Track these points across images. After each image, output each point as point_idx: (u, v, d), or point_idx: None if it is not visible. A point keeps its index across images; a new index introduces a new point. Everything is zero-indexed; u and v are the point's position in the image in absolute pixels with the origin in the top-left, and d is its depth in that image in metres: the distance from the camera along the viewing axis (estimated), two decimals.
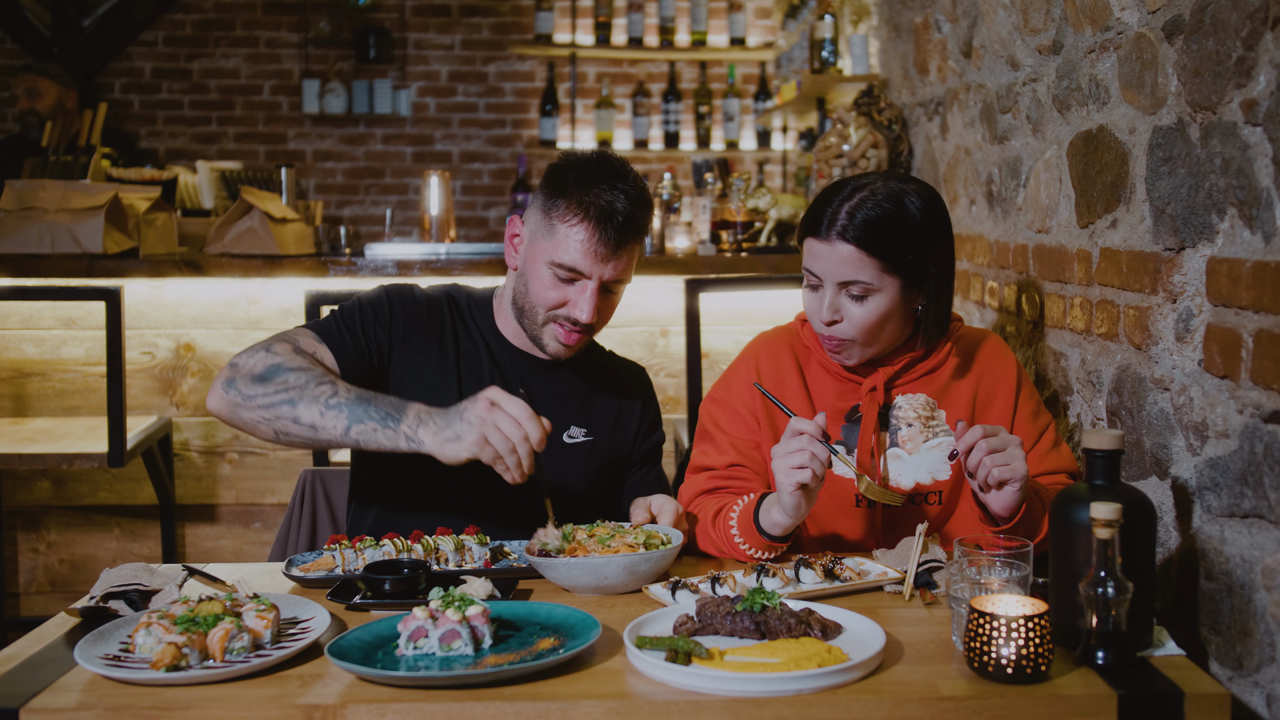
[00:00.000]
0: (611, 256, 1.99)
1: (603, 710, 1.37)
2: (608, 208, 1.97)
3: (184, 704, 1.38)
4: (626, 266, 2.03)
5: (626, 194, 2.00)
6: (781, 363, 2.08)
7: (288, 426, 1.88)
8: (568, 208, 1.99)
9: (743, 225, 3.69)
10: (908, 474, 2.01)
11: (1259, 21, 1.55)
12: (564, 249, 1.98)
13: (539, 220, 2.03)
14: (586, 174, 2.01)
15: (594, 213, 1.97)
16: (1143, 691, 1.41)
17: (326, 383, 1.89)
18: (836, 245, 1.89)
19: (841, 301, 1.92)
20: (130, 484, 3.63)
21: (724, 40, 6.63)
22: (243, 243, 3.44)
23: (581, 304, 2.00)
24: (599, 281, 2.00)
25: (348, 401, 1.86)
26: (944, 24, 3.17)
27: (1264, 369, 1.55)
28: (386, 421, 1.84)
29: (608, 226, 1.97)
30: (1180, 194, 1.79)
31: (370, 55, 6.68)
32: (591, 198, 1.98)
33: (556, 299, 2.02)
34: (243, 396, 1.90)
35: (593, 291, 2.00)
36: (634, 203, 2.00)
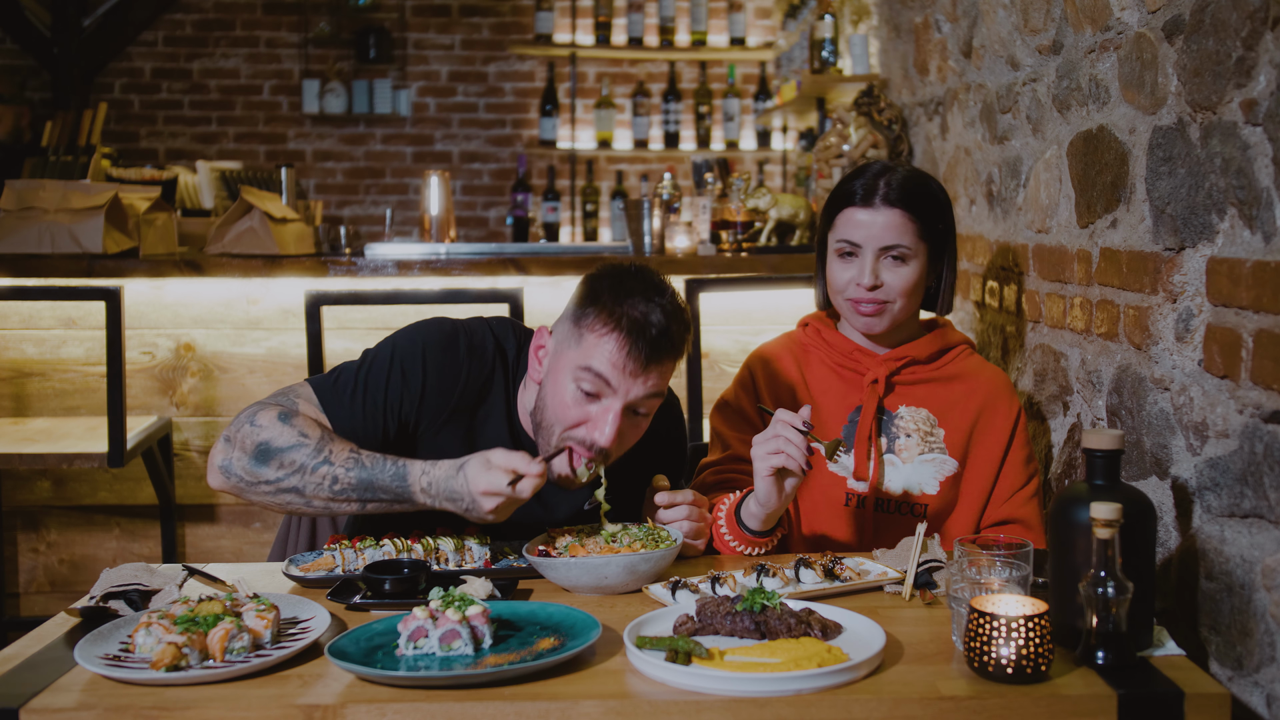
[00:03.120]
0: (642, 372, 1.82)
1: (603, 710, 1.37)
2: (641, 319, 1.82)
3: (184, 704, 1.38)
4: (656, 388, 1.86)
5: (663, 309, 1.84)
6: (784, 367, 2.14)
7: (301, 510, 1.85)
8: (598, 316, 1.84)
9: (743, 225, 3.69)
10: (898, 480, 2.06)
11: (1259, 21, 1.55)
12: (592, 356, 1.82)
13: (568, 330, 1.88)
14: (622, 284, 1.86)
15: (626, 324, 1.82)
16: (1143, 691, 1.41)
17: (324, 464, 1.80)
18: (880, 210, 2.03)
19: (881, 267, 2.04)
20: (130, 484, 3.63)
21: (724, 40, 6.63)
22: (243, 243, 3.44)
23: (603, 425, 1.83)
24: (624, 402, 1.83)
25: (352, 486, 1.79)
26: (944, 24, 3.17)
27: (1264, 369, 1.55)
28: (396, 500, 1.80)
29: (640, 339, 1.81)
30: (1180, 194, 1.79)
31: (370, 55, 6.68)
32: (625, 308, 1.83)
33: (577, 417, 1.85)
34: (245, 482, 1.83)
35: (616, 413, 1.83)
36: (670, 318, 1.84)
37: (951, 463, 2.08)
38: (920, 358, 2.10)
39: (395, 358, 1.95)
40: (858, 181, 2.07)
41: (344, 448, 1.83)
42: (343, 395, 1.92)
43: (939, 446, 2.08)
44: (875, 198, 2.04)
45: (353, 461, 1.80)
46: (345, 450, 1.82)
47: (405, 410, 1.94)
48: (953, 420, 2.09)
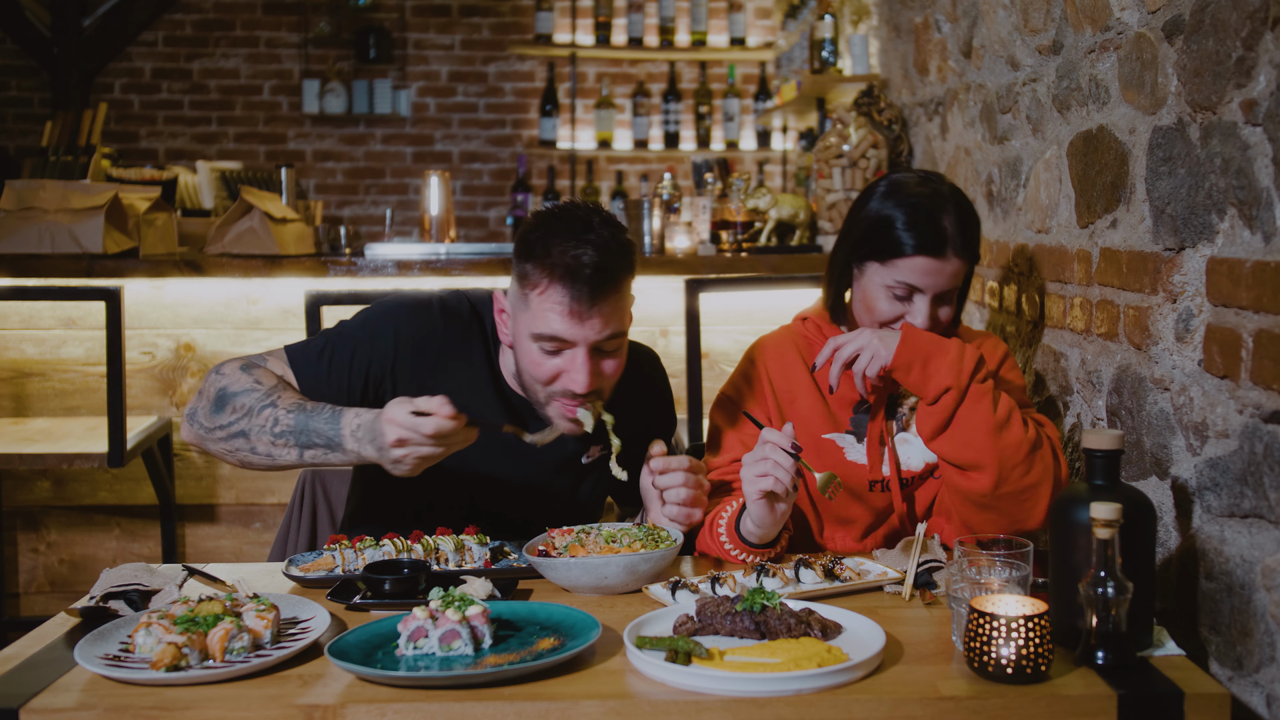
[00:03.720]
0: (590, 314, 1.83)
1: (603, 710, 1.37)
2: (574, 263, 1.82)
3: (184, 704, 1.38)
4: (613, 321, 1.87)
5: (593, 243, 1.84)
6: (788, 362, 2.12)
7: (249, 459, 1.87)
8: (535, 272, 1.85)
9: (743, 225, 3.69)
10: (916, 455, 2.07)
11: (1259, 21, 1.55)
12: (540, 319, 1.85)
13: (515, 292, 1.91)
14: (549, 231, 1.86)
15: (559, 272, 1.82)
16: (1143, 691, 1.41)
17: (269, 405, 1.85)
18: (950, 261, 1.98)
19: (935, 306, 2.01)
20: (130, 484, 3.63)
21: (724, 40, 6.63)
22: (243, 243, 3.44)
23: (575, 375, 1.86)
24: (587, 346, 1.85)
25: (290, 428, 1.83)
26: (944, 24, 3.17)
27: (1264, 369, 1.55)
28: (332, 445, 1.82)
29: (577, 282, 1.82)
30: (1180, 194, 1.79)
31: (370, 55, 6.68)
32: (555, 257, 1.83)
33: (550, 372, 1.88)
34: (205, 429, 1.89)
35: (584, 359, 1.85)
36: (603, 250, 1.84)
37: None
38: None
39: (365, 321, 2.02)
40: (920, 225, 1.95)
41: (293, 395, 1.89)
42: (310, 356, 1.99)
43: None
44: (947, 248, 1.96)
45: (296, 406, 1.86)
46: (293, 398, 1.88)
47: (374, 371, 1.98)
48: None
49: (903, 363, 1.92)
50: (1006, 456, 1.88)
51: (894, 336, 1.93)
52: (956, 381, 1.90)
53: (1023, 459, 1.89)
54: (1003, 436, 1.89)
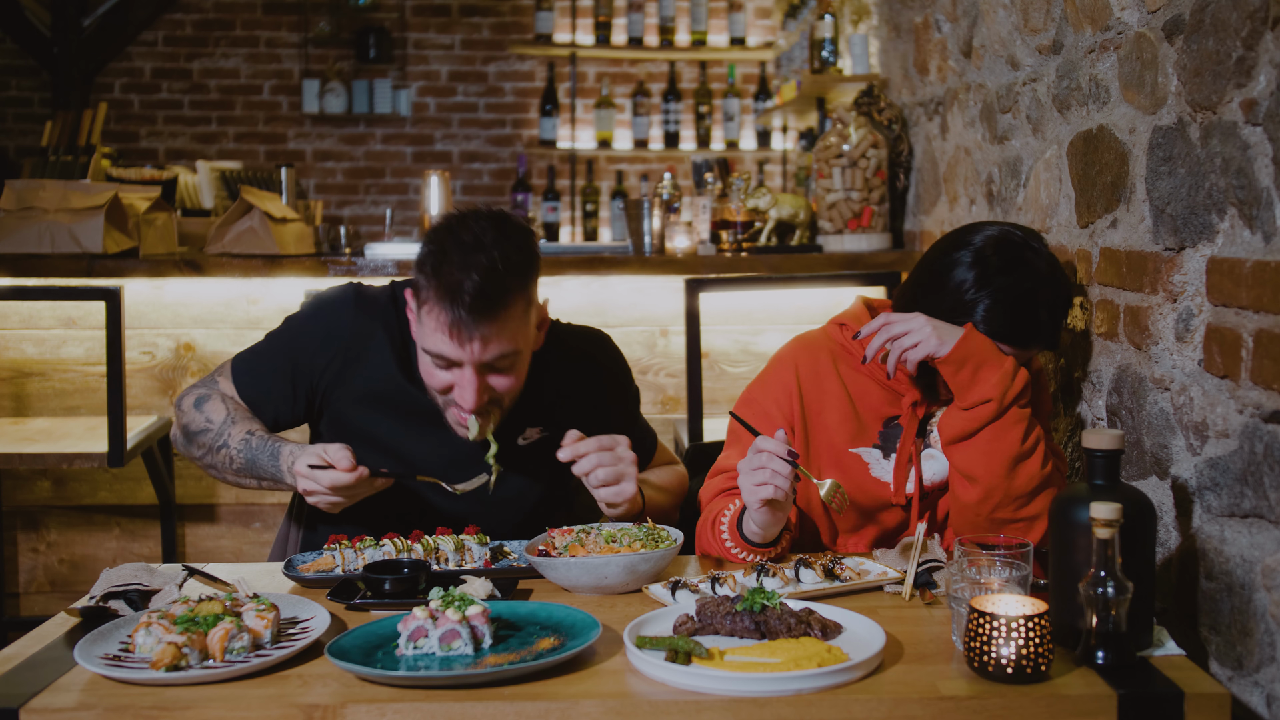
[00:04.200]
0: (472, 337, 1.82)
1: (603, 710, 1.37)
2: (455, 287, 1.80)
3: (184, 704, 1.38)
4: (498, 342, 1.84)
5: (478, 266, 1.81)
6: (821, 367, 2.06)
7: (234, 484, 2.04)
8: (424, 289, 1.85)
9: (743, 225, 3.69)
10: (940, 470, 2.03)
11: (1259, 21, 1.55)
12: (428, 336, 1.86)
13: (413, 303, 1.92)
14: (442, 246, 1.85)
15: (442, 294, 1.81)
16: (1143, 691, 1.41)
17: (223, 445, 2.00)
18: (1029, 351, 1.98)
19: None
20: (130, 484, 3.63)
21: (724, 40, 6.62)
22: (243, 243, 3.44)
23: (463, 393, 1.87)
24: (474, 366, 1.85)
25: (243, 466, 1.98)
26: (944, 24, 3.17)
27: (1264, 369, 1.55)
28: (277, 480, 1.96)
29: (457, 308, 1.80)
30: (1180, 194, 1.79)
31: (370, 55, 6.68)
32: (441, 277, 1.81)
33: (442, 384, 1.90)
34: (188, 455, 2.07)
35: (470, 377, 1.86)
36: (488, 273, 1.81)
37: None
38: None
39: (294, 323, 2.08)
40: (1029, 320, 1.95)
41: (241, 430, 1.98)
42: (251, 372, 2.07)
43: None
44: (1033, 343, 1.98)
45: (244, 443, 1.97)
46: (241, 433, 1.98)
47: (305, 373, 2.04)
48: None
49: (957, 358, 1.88)
50: (1012, 487, 1.89)
51: (952, 331, 1.90)
52: (1000, 397, 1.88)
53: (1025, 494, 1.90)
54: (1018, 469, 1.89)
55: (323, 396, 2.05)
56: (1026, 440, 1.89)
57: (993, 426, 1.89)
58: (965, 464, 1.92)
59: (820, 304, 3.49)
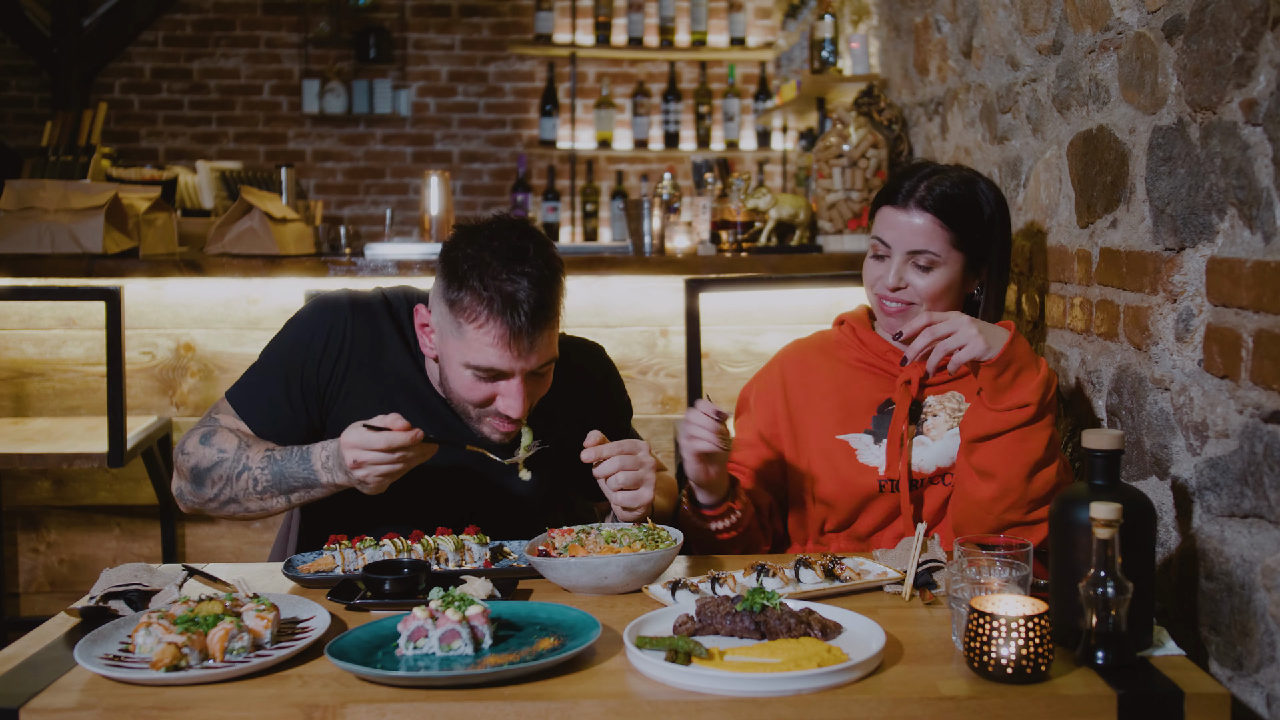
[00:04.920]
0: (529, 351, 1.85)
1: (603, 710, 1.37)
2: (512, 298, 1.81)
3: (184, 704, 1.38)
4: (547, 349, 1.89)
5: (530, 276, 1.83)
6: (808, 361, 2.16)
7: (247, 516, 1.98)
8: (472, 304, 1.83)
9: (743, 225, 3.69)
10: (930, 459, 2.07)
11: (1259, 21, 1.55)
12: (477, 351, 1.85)
13: (444, 314, 1.89)
14: (483, 259, 1.84)
15: (498, 307, 1.81)
16: (1143, 691, 1.41)
17: (243, 470, 1.93)
18: (913, 214, 2.03)
19: (907, 271, 2.05)
20: (130, 484, 3.62)
21: (724, 40, 6.62)
22: (243, 243, 3.44)
23: (510, 401, 1.88)
24: (521, 375, 1.88)
25: (270, 483, 1.92)
26: (944, 24, 3.17)
27: (1264, 369, 1.55)
28: (310, 484, 1.90)
29: (516, 318, 1.81)
30: (1180, 194, 1.79)
31: (370, 55, 6.68)
32: (493, 290, 1.82)
33: (482, 397, 1.90)
34: (198, 503, 1.99)
35: (518, 386, 1.88)
36: (540, 284, 1.83)
37: None
38: None
39: (281, 336, 2.07)
40: (903, 181, 2.07)
41: (260, 450, 1.94)
42: (252, 399, 2.03)
43: None
44: (910, 200, 2.04)
45: (266, 460, 1.92)
46: (260, 452, 1.94)
47: (307, 381, 2.02)
48: None
49: (1003, 361, 1.88)
50: (1029, 490, 1.92)
51: (996, 333, 1.89)
52: (1039, 402, 1.89)
53: (1039, 499, 1.92)
54: (1038, 474, 1.91)
55: (330, 403, 2.04)
56: (1050, 447, 1.91)
57: (1022, 430, 1.90)
58: (985, 462, 1.93)
59: (820, 304, 3.49)
